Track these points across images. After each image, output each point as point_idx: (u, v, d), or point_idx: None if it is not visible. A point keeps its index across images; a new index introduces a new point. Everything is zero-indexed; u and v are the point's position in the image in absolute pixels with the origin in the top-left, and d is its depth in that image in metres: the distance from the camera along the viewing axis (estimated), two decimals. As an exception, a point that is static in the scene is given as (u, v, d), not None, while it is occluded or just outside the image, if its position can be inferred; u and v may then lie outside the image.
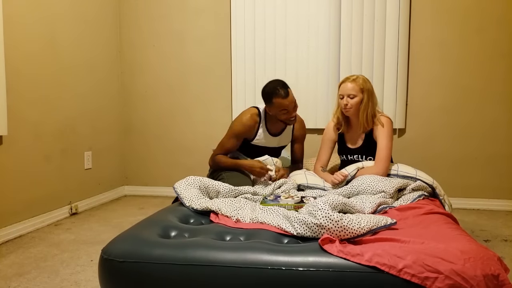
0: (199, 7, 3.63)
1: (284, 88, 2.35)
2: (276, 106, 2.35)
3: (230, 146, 2.47)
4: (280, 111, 2.37)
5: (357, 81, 2.31)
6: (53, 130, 2.97)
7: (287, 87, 2.37)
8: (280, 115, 2.39)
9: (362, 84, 2.30)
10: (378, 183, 2.05)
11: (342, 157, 2.49)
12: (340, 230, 1.44)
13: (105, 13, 3.56)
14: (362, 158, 2.39)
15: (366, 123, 2.32)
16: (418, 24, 3.30)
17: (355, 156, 2.41)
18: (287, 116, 2.39)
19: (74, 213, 3.16)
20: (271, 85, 2.38)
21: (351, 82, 2.31)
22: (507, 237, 2.59)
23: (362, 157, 2.38)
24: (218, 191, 2.10)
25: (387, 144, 2.25)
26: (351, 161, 2.42)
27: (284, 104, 2.33)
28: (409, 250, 1.29)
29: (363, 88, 2.30)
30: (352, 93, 2.30)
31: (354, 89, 2.29)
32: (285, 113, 2.38)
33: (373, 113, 2.33)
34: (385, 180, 2.09)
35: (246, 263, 1.34)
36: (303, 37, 3.42)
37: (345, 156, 2.46)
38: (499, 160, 3.27)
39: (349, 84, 2.31)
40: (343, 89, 2.33)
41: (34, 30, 2.77)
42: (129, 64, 3.80)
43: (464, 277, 1.19)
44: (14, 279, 1.99)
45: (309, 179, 2.32)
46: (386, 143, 2.26)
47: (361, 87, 2.30)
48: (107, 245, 1.50)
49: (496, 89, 3.23)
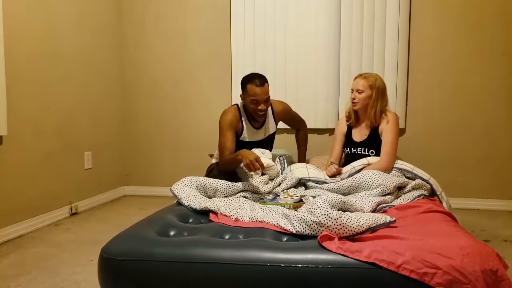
0: (199, 4, 3.62)
1: (261, 79, 2.39)
2: (248, 93, 2.38)
3: (229, 140, 2.42)
4: (250, 100, 2.39)
5: (368, 78, 2.41)
6: (53, 130, 2.97)
7: (265, 80, 2.41)
8: (250, 105, 2.41)
9: (372, 82, 2.39)
10: (378, 177, 2.08)
11: (346, 150, 2.53)
12: (339, 228, 1.45)
13: (106, 10, 3.57)
14: (365, 151, 2.43)
15: (373, 119, 2.40)
16: (418, 24, 3.30)
17: (358, 149, 2.45)
18: (255, 107, 2.39)
19: (74, 213, 3.16)
20: (250, 74, 2.45)
21: (362, 78, 2.42)
22: (507, 237, 2.58)
23: (366, 150, 2.42)
24: (215, 189, 2.10)
25: (392, 139, 2.32)
26: (354, 154, 2.46)
27: (256, 92, 2.35)
28: (408, 246, 1.30)
29: (373, 85, 2.39)
30: (360, 89, 2.40)
31: (363, 85, 2.39)
32: (254, 103, 2.38)
33: (381, 110, 2.41)
34: (386, 175, 2.12)
35: (245, 261, 1.34)
36: (303, 37, 3.43)
37: (349, 149, 2.50)
38: (499, 160, 3.27)
39: (360, 80, 2.42)
40: (354, 83, 2.45)
41: (34, 30, 2.77)
42: (130, 63, 3.80)
43: (462, 272, 1.20)
44: (14, 279, 1.99)
45: (311, 173, 2.34)
46: (392, 137, 2.32)
47: (371, 84, 2.39)
48: (106, 244, 1.50)
49: (496, 88, 3.23)
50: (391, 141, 2.31)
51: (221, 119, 2.49)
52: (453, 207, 2.76)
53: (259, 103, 2.39)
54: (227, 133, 2.43)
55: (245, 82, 2.43)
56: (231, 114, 2.49)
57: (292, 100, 3.44)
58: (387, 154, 2.28)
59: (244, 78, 2.46)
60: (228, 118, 2.46)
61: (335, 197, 1.65)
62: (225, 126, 2.45)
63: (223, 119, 2.48)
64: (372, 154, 2.39)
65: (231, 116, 2.48)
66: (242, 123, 2.53)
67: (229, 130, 2.44)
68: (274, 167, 2.36)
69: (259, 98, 2.37)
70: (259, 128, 2.60)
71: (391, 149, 2.29)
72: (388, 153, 2.28)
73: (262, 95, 2.37)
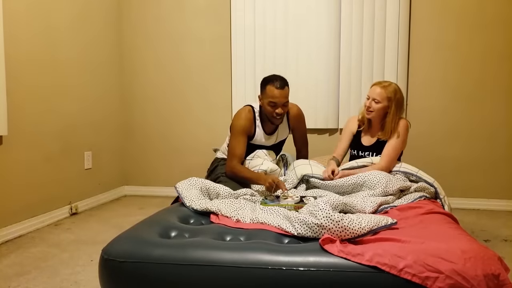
0: (199, 8, 3.62)
1: (282, 81, 2.35)
2: (267, 94, 2.33)
3: (240, 146, 2.40)
4: (268, 102, 2.34)
5: (388, 89, 2.31)
6: (53, 130, 2.97)
7: (286, 83, 2.37)
8: (267, 107, 2.35)
9: (391, 93, 2.30)
10: (382, 178, 2.08)
11: (353, 152, 2.51)
12: (341, 230, 1.44)
13: (105, 14, 3.56)
14: (372, 155, 2.41)
15: (388, 133, 2.33)
16: (418, 24, 3.30)
17: (366, 153, 2.44)
18: (273, 110, 2.35)
19: (74, 213, 3.15)
20: (271, 75, 2.40)
21: (381, 87, 2.32)
22: (507, 237, 2.59)
23: (373, 154, 2.41)
24: (218, 193, 2.09)
25: (395, 146, 2.29)
26: (360, 157, 2.45)
27: (275, 95, 2.31)
28: (410, 249, 1.29)
29: (391, 97, 2.30)
30: (378, 98, 2.31)
31: (381, 95, 2.30)
32: (272, 106, 2.33)
33: (395, 123, 2.34)
34: (390, 176, 2.12)
35: (247, 263, 1.34)
36: (303, 38, 3.42)
37: (356, 151, 2.48)
38: (499, 160, 3.27)
39: (379, 89, 2.32)
40: (372, 91, 2.35)
41: (34, 31, 2.76)
42: (130, 64, 3.80)
43: (464, 276, 1.19)
44: (14, 279, 1.99)
45: (314, 170, 2.34)
46: (395, 144, 2.30)
47: (389, 96, 2.30)
48: (107, 245, 1.50)
49: (496, 89, 3.23)
50: (393, 147, 2.29)
51: (236, 122, 2.44)
52: (453, 207, 2.76)
53: (277, 106, 2.34)
54: (239, 137, 2.40)
55: (265, 83, 2.37)
56: (246, 118, 2.43)
57: (292, 100, 3.42)
58: (385, 155, 2.28)
59: (264, 79, 2.40)
60: (242, 123, 2.41)
61: (336, 198, 1.64)
62: (238, 130, 2.41)
63: (237, 123, 2.42)
64: None
65: (245, 120, 2.42)
66: (255, 127, 2.48)
67: (241, 135, 2.40)
68: (277, 171, 2.36)
69: (277, 101, 2.32)
70: (271, 134, 2.55)
71: (392, 153, 2.28)
72: (385, 155, 2.27)
73: (281, 98, 2.32)
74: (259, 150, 2.48)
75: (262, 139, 2.53)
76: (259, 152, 2.45)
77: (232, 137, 2.43)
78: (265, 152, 2.47)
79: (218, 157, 2.65)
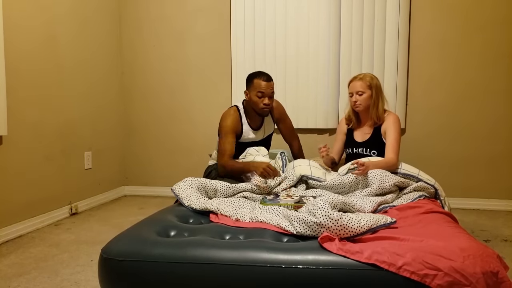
0: (199, 7, 3.63)
1: (268, 76, 2.50)
2: (255, 86, 2.47)
3: (229, 143, 2.47)
4: (256, 93, 2.46)
5: (364, 79, 2.43)
6: (53, 130, 2.97)
7: (271, 78, 2.51)
8: (256, 98, 2.47)
9: (370, 81, 2.42)
10: (377, 174, 2.07)
11: (348, 151, 2.54)
12: (340, 229, 1.45)
13: (105, 13, 3.57)
14: (367, 151, 2.43)
15: (376, 118, 2.42)
16: (418, 24, 3.30)
17: (360, 150, 2.46)
18: (261, 101, 2.47)
19: (74, 213, 3.16)
20: (258, 71, 2.56)
21: (359, 80, 2.43)
22: (507, 237, 2.59)
23: (367, 150, 2.43)
24: (216, 190, 2.10)
25: (396, 136, 2.36)
26: (356, 154, 2.47)
27: (262, 85, 2.45)
28: (409, 247, 1.29)
29: (371, 84, 2.41)
30: (360, 90, 2.41)
31: (362, 86, 2.41)
32: (260, 96, 2.46)
33: (383, 108, 2.44)
34: (386, 173, 2.11)
35: (246, 261, 1.34)
36: (303, 38, 3.42)
37: (351, 149, 2.51)
38: (499, 160, 3.27)
39: (357, 82, 2.44)
40: (352, 87, 2.45)
41: (34, 30, 2.77)
42: (129, 64, 3.80)
43: (463, 274, 1.20)
44: (14, 279, 1.99)
45: (313, 171, 2.34)
46: (395, 135, 2.36)
47: (369, 84, 2.41)
48: (107, 244, 1.50)
49: (496, 88, 3.23)
50: (395, 138, 2.35)
51: (223, 123, 2.53)
52: (453, 207, 2.76)
53: (264, 96, 2.47)
54: (227, 136, 2.48)
55: (251, 77, 2.51)
56: (233, 117, 2.54)
57: (292, 100, 3.45)
58: (393, 152, 2.31)
59: (250, 74, 2.55)
60: (228, 123, 2.51)
61: (335, 197, 1.65)
62: (226, 130, 2.49)
63: (224, 123, 2.52)
64: (374, 155, 2.39)
65: (232, 119, 2.53)
66: (242, 125, 2.57)
67: (230, 134, 2.49)
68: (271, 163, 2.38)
69: (265, 91, 2.46)
70: (258, 129, 2.64)
71: (396, 147, 2.33)
72: (394, 151, 2.32)
73: (268, 89, 2.47)
74: (250, 147, 2.54)
75: (251, 134, 2.60)
76: (250, 149, 2.52)
77: (221, 138, 2.52)
78: (256, 148, 2.54)
79: (210, 164, 2.68)
